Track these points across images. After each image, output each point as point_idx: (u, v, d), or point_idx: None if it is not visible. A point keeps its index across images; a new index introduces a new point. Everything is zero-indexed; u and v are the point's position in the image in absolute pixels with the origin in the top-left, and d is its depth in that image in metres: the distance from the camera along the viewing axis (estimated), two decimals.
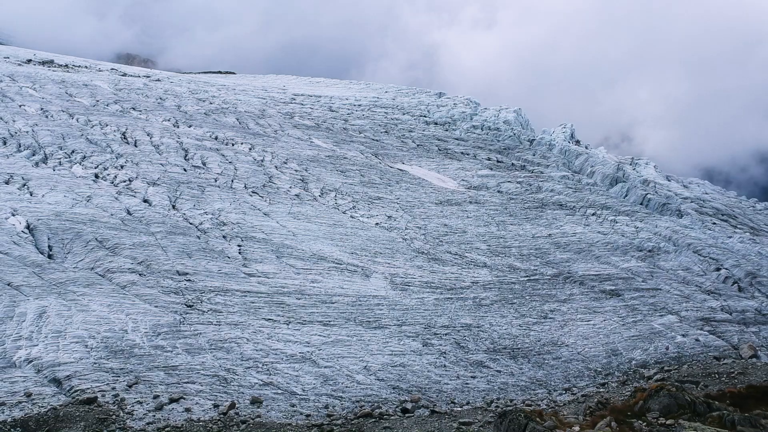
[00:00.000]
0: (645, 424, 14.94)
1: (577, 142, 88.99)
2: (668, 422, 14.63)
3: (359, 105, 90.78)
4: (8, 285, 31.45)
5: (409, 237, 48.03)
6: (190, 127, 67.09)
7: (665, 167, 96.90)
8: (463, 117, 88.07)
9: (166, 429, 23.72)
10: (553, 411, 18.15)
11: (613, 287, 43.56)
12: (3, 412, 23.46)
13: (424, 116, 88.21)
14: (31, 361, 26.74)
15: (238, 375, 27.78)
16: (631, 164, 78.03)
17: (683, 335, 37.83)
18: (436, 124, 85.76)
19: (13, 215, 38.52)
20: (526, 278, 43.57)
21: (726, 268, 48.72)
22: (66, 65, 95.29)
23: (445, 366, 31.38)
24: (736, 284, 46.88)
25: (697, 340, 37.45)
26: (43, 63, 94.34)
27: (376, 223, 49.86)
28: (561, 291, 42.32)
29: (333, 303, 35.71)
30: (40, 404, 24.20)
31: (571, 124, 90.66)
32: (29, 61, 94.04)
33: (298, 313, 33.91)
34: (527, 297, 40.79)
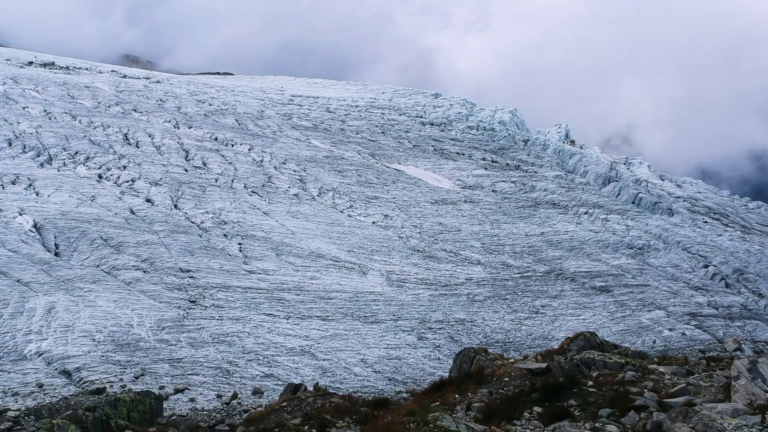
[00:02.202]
0: (563, 358, 18.76)
1: (572, 142, 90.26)
2: (578, 356, 18.76)
3: (356, 106, 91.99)
4: (18, 281, 32.63)
5: (405, 235, 49.26)
6: (190, 128, 68.28)
7: (665, 168, 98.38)
8: (458, 117, 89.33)
9: (172, 417, 24.89)
10: (500, 353, 21.93)
11: (603, 283, 44.83)
12: (17, 402, 24.64)
13: (421, 117, 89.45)
14: (42, 354, 27.90)
15: (239, 367, 28.97)
16: (625, 164, 79.35)
17: (670, 329, 39.11)
18: (432, 124, 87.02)
19: (21, 214, 39.70)
20: (518, 275, 44.82)
21: (714, 265, 50.05)
22: (67, 67, 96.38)
23: (439, 359, 32.59)
24: (723, 280, 48.21)
25: (683, 334, 38.73)
26: (45, 65, 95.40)
27: (373, 222, 51.08)
28: (552, 287, 43.58)
29: (331, 299, 36.92)
30: (51, 394, 25.36)
31: (565, 124, 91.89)
32: (30, 63, 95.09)
33: (298, 309, 35.11)
34: (519, 293, 42.03)
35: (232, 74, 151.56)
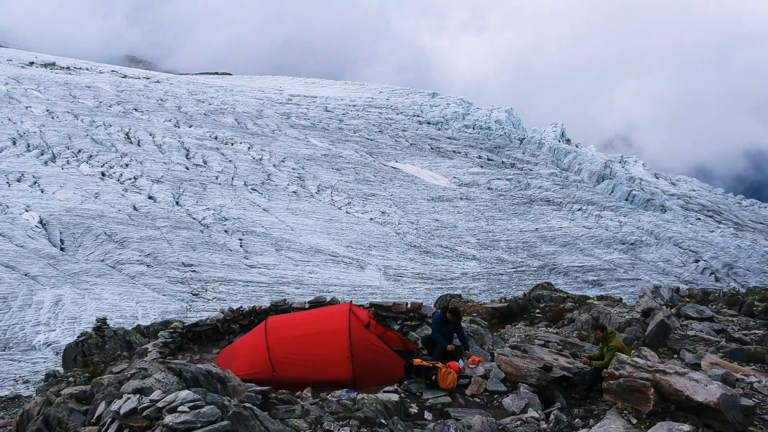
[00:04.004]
0: (521, 300, 22.37)
1: (568, 141, 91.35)
2: (531, 295, 22.57)
3: (354, 105, 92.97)
4: (26, 275, 33.59)
5: (402, 231, 50.26)
6: (190, 127, 69.24)
7: (664, 167, 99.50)
8: (455, 116, 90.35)
9: None
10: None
11: (595, 278, 45.84)
12: (28, 389, 25.60)
13: (418, 116, 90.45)
14: (50, 344, 28.87)
15: None
16: (620, 162, 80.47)
17: None
18: (429, 123, 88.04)
19: (27, 211, 40.62)
20: (513, 269, 45.82)
21: (704, 260, 51.11)
22: (68, 67, 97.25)
23: None
24: (713, 275, 49.27)
25: None
26: (46, 65, 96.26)
27: (371, 219, 52.08)
28: (546, 281, 44.56)
29: (330, 292, 37.82)
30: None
31: (561, 123, 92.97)
32: (32, 63, 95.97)
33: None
34: (514, 287, 42.99)
35: (230, 74, 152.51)
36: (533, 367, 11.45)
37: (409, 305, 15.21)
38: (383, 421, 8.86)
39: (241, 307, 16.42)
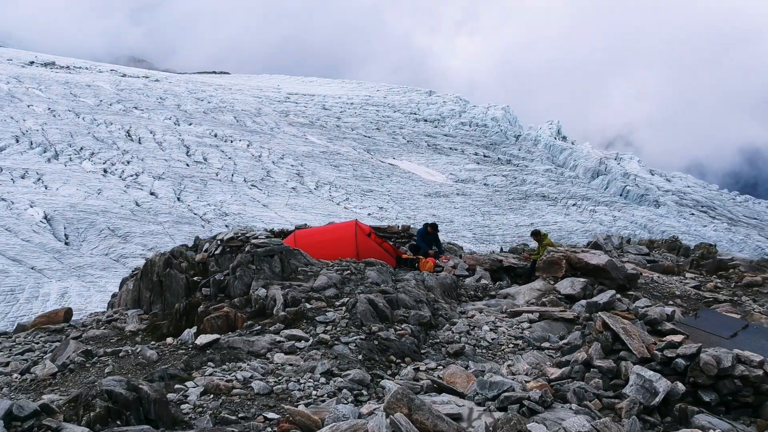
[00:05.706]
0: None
1: (564, 138, 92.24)
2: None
3: (352, 103, 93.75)
4: (32, 268, 34.40)
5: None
6: (190, 125, 70.01)
7: (662, 165, 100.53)
8: (452, 114, 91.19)
9: None
10: None
11: None
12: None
13: (415, 114, 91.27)
14: None
15: None
16: (615, 159, 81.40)
17: None
18: (425, 121, 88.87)
19: (31, 206, 41.44)
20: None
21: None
22: (68, 67, 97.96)
23: None
24: None
25: None
26: (46, 65, 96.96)
27: (369, 214, 52.89)
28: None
29: None
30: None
31: (557, 120, 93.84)
32: (32, 63, 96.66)
33: None
34: None
35: (228, 73, 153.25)
36: (488, 258, 16.91)
37: (399, 227, 20.48)
38: (381, 265, 13.92)
39: (272, 228, 21.78)
